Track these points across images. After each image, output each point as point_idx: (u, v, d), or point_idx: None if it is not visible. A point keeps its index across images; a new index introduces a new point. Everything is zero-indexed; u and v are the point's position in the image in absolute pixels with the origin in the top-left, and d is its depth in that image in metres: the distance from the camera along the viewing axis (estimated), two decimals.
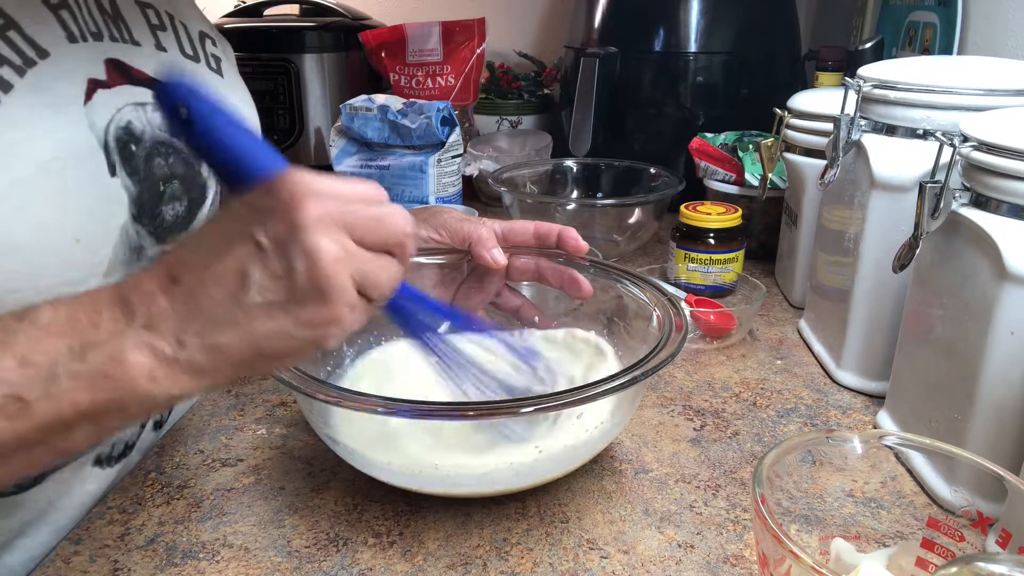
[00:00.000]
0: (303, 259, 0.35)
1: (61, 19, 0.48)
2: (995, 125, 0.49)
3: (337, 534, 0.50)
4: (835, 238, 0.72)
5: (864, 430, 0.55)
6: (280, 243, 0.35)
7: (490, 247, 0.59)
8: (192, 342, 0.36)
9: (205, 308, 0.36)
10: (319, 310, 0.36)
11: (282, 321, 0.36)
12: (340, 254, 0.36)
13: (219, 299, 0.36)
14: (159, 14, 0.58)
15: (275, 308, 0.36)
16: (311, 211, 0.35)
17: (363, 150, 1.09)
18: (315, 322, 0.36)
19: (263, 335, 0.36)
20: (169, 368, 0.36)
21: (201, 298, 0.36)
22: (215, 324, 0.36)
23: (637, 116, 1.17)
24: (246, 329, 0.36)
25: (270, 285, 0.35)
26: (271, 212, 0.36)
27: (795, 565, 0.33)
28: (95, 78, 0.49)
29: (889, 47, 1.03)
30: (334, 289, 0.36)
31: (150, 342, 0.35)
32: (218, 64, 0.63)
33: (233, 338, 0.36)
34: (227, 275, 0.36)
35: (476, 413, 0.46)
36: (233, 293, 0.36)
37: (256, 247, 0.35)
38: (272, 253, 0.35)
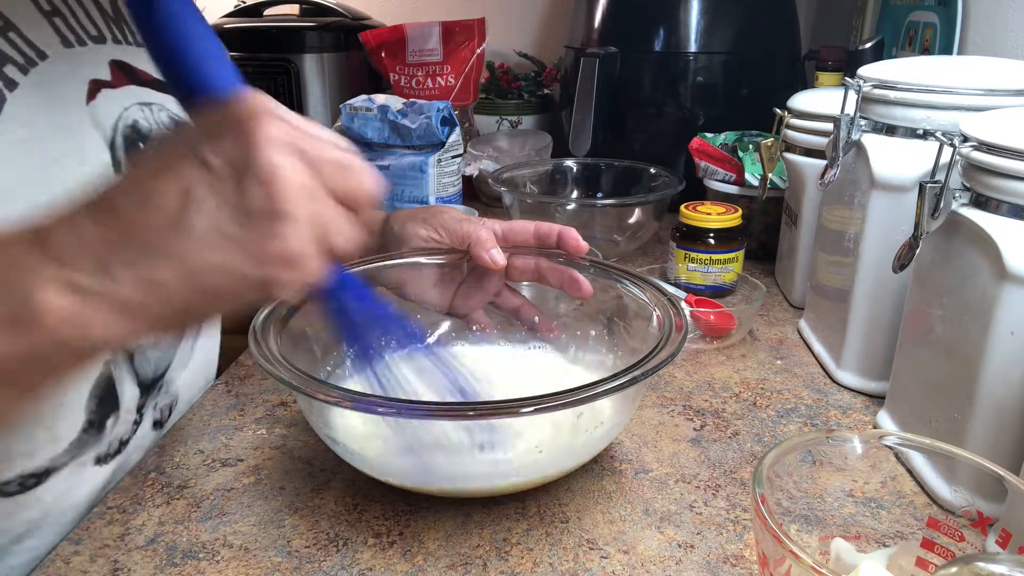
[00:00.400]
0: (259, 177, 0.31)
1: (55, 26, 0.48)
2: (995, 125, 0.49)
3: (337, 534, 0.50)
4: (835, 238, 0.72)
5: (864, 430, 0.55)
6: (233, 162, 0.31)
7: (489, 248, 0.59)
8: (122, 274, 0.31)
9: (140, 235, 0.31)
10: (274, 242, 0.31)
11: (229, 253, 0.31)
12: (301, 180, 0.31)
13: (156, 224, 0.31)
14: None
15: (221, 238, 0.31)
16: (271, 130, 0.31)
17: (363, 150, 1.09)
18: (268, 257, 0.31)
19: (207, 267, 0.31)
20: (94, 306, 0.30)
21: (135, 223, 0.31)
22: (151, 253, 0.31)
23: (637, 116, 1.17)
24: (188, 261, 0.31)
25: (218, 211, 0.31)
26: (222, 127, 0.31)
27: (795, 565, 0.33)
28: (98, 79, 0.49)
29: (889, 47, 1.03)
30: (289, 216, 0.31)
31: (69, 276, 0.30)
32: None
33: (172, 271, 0.31)
34: (169, 199, 0.31)
35: (476, 413, 0.46)
36: (171, 216, 0.31)
37: (205, 168, 0.31)
38: (223, 173, 0.31)
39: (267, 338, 0.49)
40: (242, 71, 0.69)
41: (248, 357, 0.73)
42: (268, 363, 0.46)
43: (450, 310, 0.65)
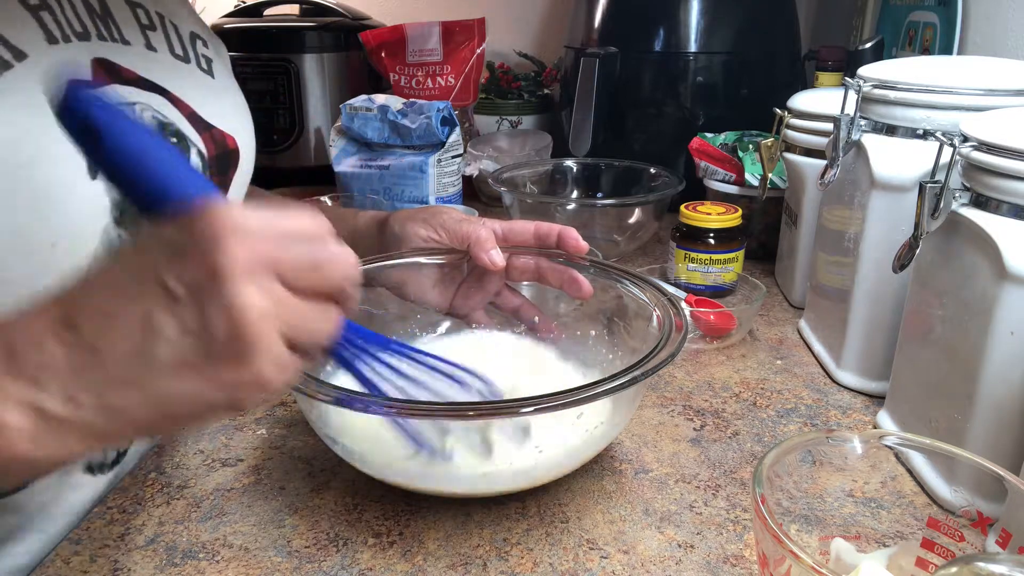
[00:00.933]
0: (222, 312, 0.30)
1: (41, 20, 0.47)
2: (995, 125, 0.49)
3: (337, 534, 0.50)
4: (835, 238, 0.72)
5: (864, 430, 0.55)
6: (195, 291, 0.30)
7: (488, 248, 0.59)
8: (87, 401, 0.31)
9: (105, 363, 0.31)
10: (239, 372, 0.31)
11: (194, 383, 0.31)
12: (266, 307, 0.31)
13: (121, 353, 0.31)
14: (149, 14, 0.58)
15: (185, 368, 0.31)
16: (234, 252, 0.30)
17: (363, 150, 1.09)
18: (233, 384, 0.31)
19: (172, 397, 0.31)
20: (57, 430, 0.31)
21: (101, 350, 0.31)
22: (115, 382, 0.31)
23: (637, 116, 1.17)
24: (151, 390, 0.31)
25: (181, 341, 0.30)
26: (185, 252, 0.31)
27: (795, 565, 0.33)
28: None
29: (889, 47, 1.03)
30: (258, 350, 0.31)
31: (33, 400, 0.30)
32: (209, 65, 0.62)
33: (136, 399, 0.31)
34: (131, 325, 0.30)
35: (476, 413, 0.46)
36: (138, 347, 0.30)
37: (166, 294, 0.30)
38: (186, 302, 0.30)
39: None
40: (242, 71, 0.69)
41: None
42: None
43: (450, 310, 0.64)
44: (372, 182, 1.07)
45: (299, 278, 0.32)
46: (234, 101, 0.65)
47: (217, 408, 0.32)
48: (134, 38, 0.55)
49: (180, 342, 0.30)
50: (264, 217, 0.32)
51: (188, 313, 0.30)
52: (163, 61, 0.57)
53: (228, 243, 0.30)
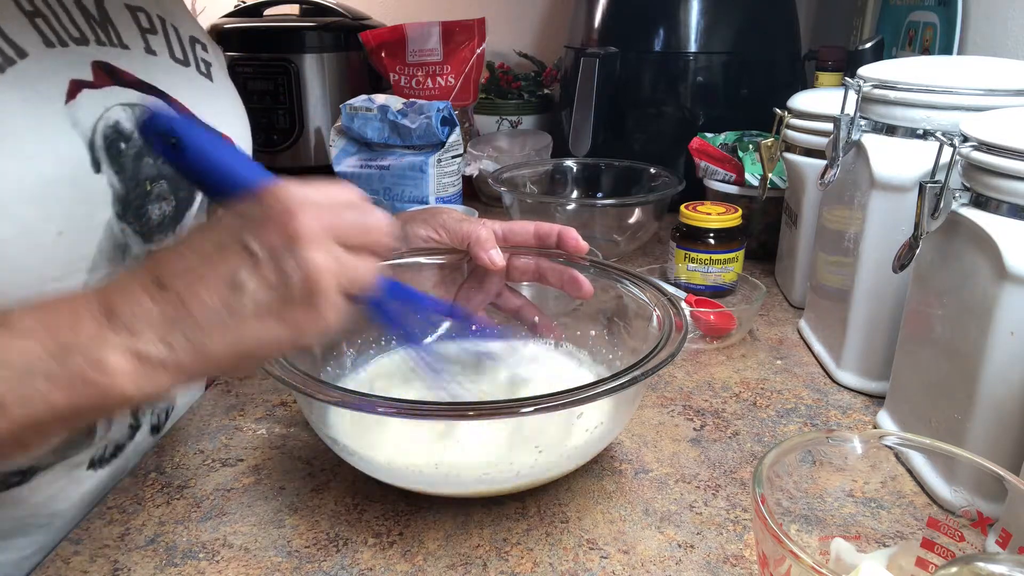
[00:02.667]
0: (298, 269, 0.36)
1: (36, 26, 0.48)
2: (995, 125, 0.49)
3: (337, 534, 0.50)
4: (835, 238, 0.72)
5: (864, 430, 0.55)
6: (274, 252, 0.36)
7: (488, 248, 0.59)
8: (180, 345, 0.36)
9: (195, 313, 0.36)
10: (309, 315, 0.37)
11: (272, 326, 0.37)
12: (331, 264, 0.37)
13: (210, 305, 0.36)
14: (150, 18, 0.58)
15: (266, 314, 0.37)
16: (305, 222, 0.37)
17: (363, 150, 1.09)
18: (303, 325, 0.37)
19: (252, 338, 0.37)
20: (152, 370, 0.36)
21: (191, 303, 0.36)
22: (205, 329, 0.36)
23: (637, 116, 1.17)
24: (236, 334, 0.37)
25: (263, 292, 0.36)
26: (263, 221, 0.37)
27: (795, 565, 0.33)
28: (79, 79, 0.49)
29: (889, 47, 1.03)
30: (324, 296, 0.37)
31: (134, 346, 0.36)
32: (208, 69, 0.63)
33: (222, 342, 0.37)
34: (219, 281, 0.36)
35: (476, 413, 0.46)
36: (225, 299, 0.36)
37: (249, 255, 0.37)
38: (266, 261, 0.36)
39: None
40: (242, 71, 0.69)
41: None
42: (268, 363, 0.46)
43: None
44: (372, 182, 1.07)
45: (350, 236, 0.39)
46: (232, 104, 0.66)
47: (287, 345, 0.38)
48: (133, 42, 0.55)
49: (261, 293, 0.37)
50: (319, 191, 0.39)
51: (268, 270, 0.36)
52: (162, 64, 0.57)
53: (299, 213, 0.37)
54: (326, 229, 0.38)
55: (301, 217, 0.37)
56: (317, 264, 0.37)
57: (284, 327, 0.37)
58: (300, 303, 0.37)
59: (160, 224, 0.55)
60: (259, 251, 0.36)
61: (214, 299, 0.36)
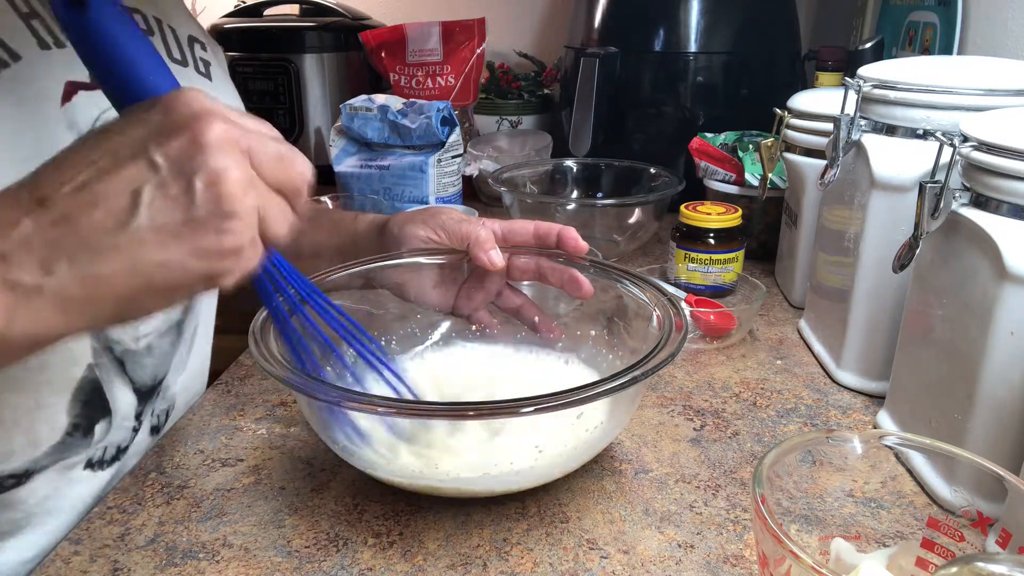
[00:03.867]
0: (206, 180, 0.32)
1: (32, 28, 0.48)
2: (995, 125, 0.49)
3: (337, 534, 0.50)
4: (835, 238, 0.72)
5: (864, 430, 0.55)
6: (179, 161, 0.32)
7: (487, 249, 0.59)
8: (63, 270, 0.31)
9: (83, 233, 0.32)
10: (220, 238, 0.33)
11: (176, 249, 0.32)
12: (245, 178, 0.33)
13: (101, 222, 0.32)
14: (147, 19, 0.58)
15: (168, 234, 0.32)
16: (217, 130, 0.32)
17: (363, 150, 1.09)
18: (214, 251, 0.33)
19: (152, 264, 0.32)
20: (31, 302, 0.31)
21: (78, 221, 0.32)
22: (95, 251, 0.32)
23: (637, 116, 1.17)
24: (132, 256, 0.32)
25: (164, 207, 0.32)
26: (169, 128, 0.32)
27: (795, 565, 0.33)
28: (76, 80, 0.49)
29: (889, 47, 1.03)
30: (237, 214, 0.33)
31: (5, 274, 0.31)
32: (207, 68, 0.63)
33: (116, 266, 0.32)
34: (113, 196, 0.32)
35: (476, 413, 0.46)
36: (119, 216, 0.32)
37: (150, 165, 0.32)
38: (169, 172, 0.32)
39: (267, 338, 0.49)
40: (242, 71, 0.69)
41: (248, 357, 0.73)
42: (268, 363, 0.46)
43: (452, 311, 0.65)
44: (372, 182, 1.07)
45: (267, 166, 0.34)
46: (231, 103, 0.66)
47: (196, 280, 0.34)
48: None
49: (162, 208, 0.32)
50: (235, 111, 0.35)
51: (171, 181, 0.32)
52: None
53: (211, 120, 0.32)
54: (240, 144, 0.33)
55: (214, 123, 0.32)
56: (228, 175, 0.32)
57: (190, 252, 0.32)
58: (209, 221, 0.32)
59: None
60: (160, 160, 0.32)
61: (106, 217, 0.32)
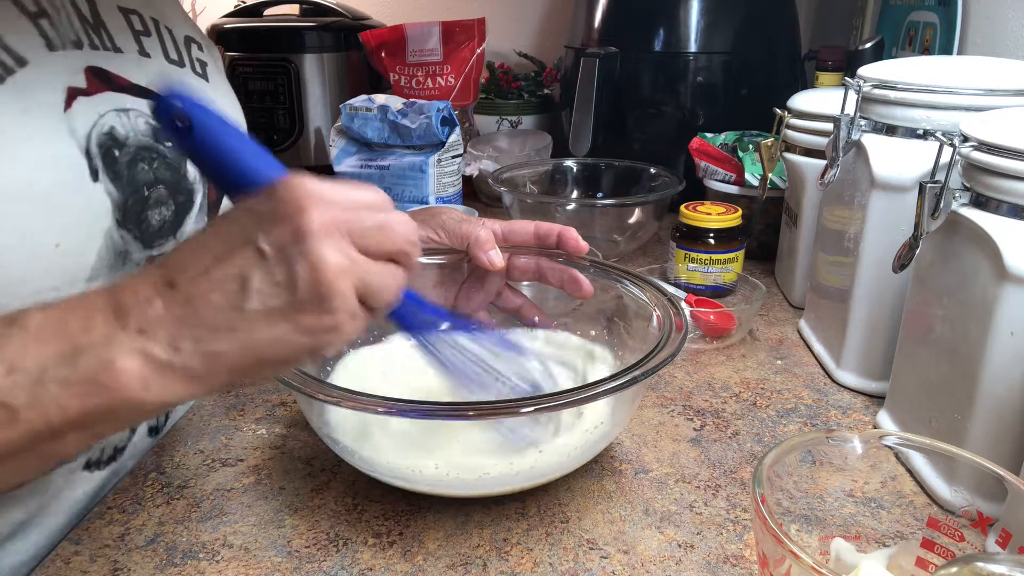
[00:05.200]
0: (306, 267, 0.35)
1: (40, 28, 0.48)
2: (995, 125, 0.49)
3: (337, 534, 0.50)
4: (835, 238, 0.72)
5: (864, 430, 0.55)
6: (283, 250, 0.35)
7: (487, 249, 0.59)
8: (188, 348, 0.35)
9: (203, 314, 0.35)
10: (320, 318, 0.35)
11: (282, 328, 0.35)
12: (344, 263, 0.35)
13: (218, 305, 0.35)
14: (143, 20, 0.58)
15: (276, 315, 0.35)
16: (315, 217, 0.35)
17: (363, 150, 1.09)
18: (315, 329, 0.36)
19: (262, 342, 0.35)
20: (163, 374, 0.35)
21: (199, 304, 0.35)
22: (213, 330, 0.35)
23: (637, 116, 1.17)
24: (245, 336, 0.35)
25: (271, 292, 0.35)
26: (273, 218, 0.35)
27: (795, 565, 0.33)
28: (74, 86, 0.49)
29: (889, 47, 1.03)
30: (336, 298, 0.35)
31: (143, 347, 0.35)
32: (203, 69, 0.63)
33: (231, 345, 0.35)
34: (227, 281, 0.35)
35: (476, 413, 0.46)
36: (233, 299, 0.35)
37: (258, 253, 0.35)
38: (274, 260, 0.35)
39: None
40: (242, 71, 0.69)
41: None
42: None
43: (452, 310, 0.64)
44: (372, 182, 1.07)
45: (368, 240, 0.37)
46: (228, 104, 0.66)
47: (300, 352, 0.37)
48: (127, 45, 0.55)
49: (270, 293, 0.35)
50: (336, 188, 0.37)
51: (276, 268, 0.35)
52: (157, 66, 0.57)
53: (310, 209, 0.35)
54: (339, 227, 0.36)
55: (312, 212, 0.35)
56: (326, 262, 0.35)
57: (295, 331, 0.35)
58: (310, 304, 0.35)
59: (160, 229, 0.55)
60: (267, 248, 0.35)
61: (221, 300, 0.35)
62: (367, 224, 0.37)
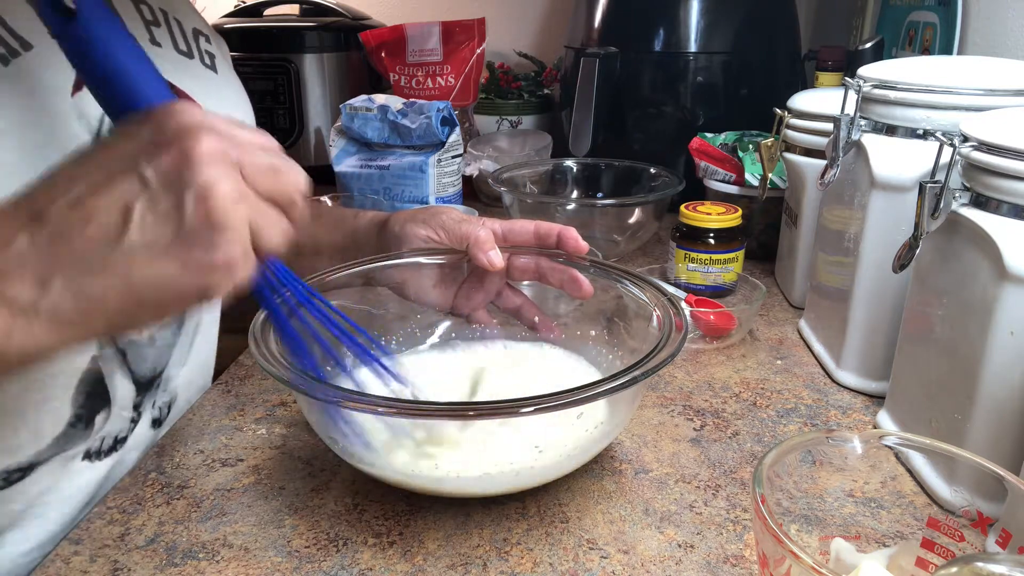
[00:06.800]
0: (196, 195, 0.32)
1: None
2: (995, 125, 0.49)
3: (337, 534, 0.50)
4: (835, 238, 0.72)
5: (864, 430, 0.55)
6: (169, 177, 0.32)
7: (487, 249, 0.59)
8: (57, 288, 0.31)
9: (76, 250, 0.32)
10: (210, 253, 0.32)
11: (166, 265, 0.32)
12: (236, 193, 0.33)
13: (93, 239, 0.32)
14: (153, 10, 0.58)
15: (159, 250, 0.32)
16: (206, 145, 0.32)
17: (363, 150, 1.09)
18: (205, 266, 0.32)
19: (144, 280, 0.32)
20: (27, 320, 0.32)
21: (72, 238, 0.32)
22: (87, 268, 0.32)
23: (637, 116, 1.17)
24: (124, 273, 0.32)
25: (155, 224, 0.32)
26: (160, 142, 0.32)
27: (795, 565, 0.33)
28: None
29: (889, 47, 1.03)
30: (229, 229, 0.32)
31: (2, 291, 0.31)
32: (212, 61, 0.63)
33: (108, 284, 0.32)
34: (104, 212, 0.32)
35: (476, 413, 0.46)
36: (110, 233, 0.32)
37: (140, 181, 0.32)
38: (160, 188, 0.32)
39: (267, 338, 0.49)
40: (242, 71, 0.69)
41: (248, 357, 0.73)
42: (268, 363, 0.46)
43: (452, 310, 0.65)
44: (372, 182, 1.07)
45: (259, 179, 0.34)
46: (236, 96, 0.66)
47: (188, 294, 0.33)
48: (138, 33, 0.55)
49: (153, 225, 0.32)
50: (230, 122, 0.34)
51: (162, 197, 0.32)
52: (167, 56, 0.57)
53: (200, 135, 0.32)
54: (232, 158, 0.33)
55: (202, 138, 0.32)
56: (218, 189, 0.32)
57: (182, 267, 0.32)
58: (199, 237, 0.32)
59: None
60: (151, 176, 0.32)
61: (97, 233, 0.32)
62: (259, 162, 0.34)
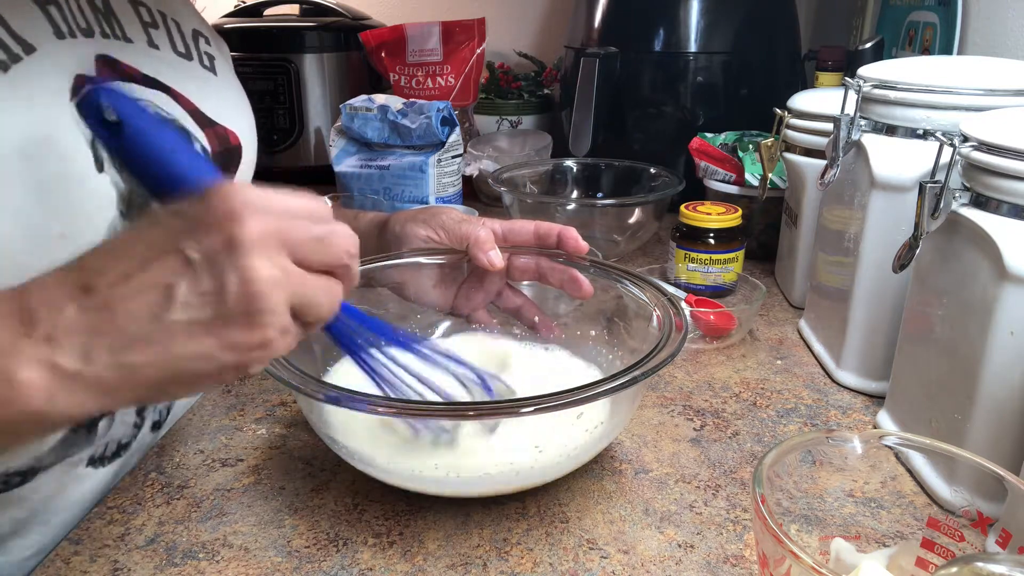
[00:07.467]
0: (236, 278, 0.33)
1: (48, 14, 0.48)
2: (995, 125, 0.49)
3: (337, 534, 0.50)
4: (835, 238, 0.72)
5: (864, 430, 0.55)
6: (212, 259, 0.33)
7: (487, 249, 0.59)
8: (101, 358, 0.33)
9: (120, 323, 0.33)
10: (247, 334, 0.33)
11: (205, 343, 0.33)
12: (277, 276, 0.34)
13: (137, 314, 0.33)
14: (151, 12, 0.58)
15: (199, 328, 0.33)
16: (250, 226, 0.33)
17: (363, 150, 1.09)
18: (241, 346, 0.34)
19: (182, 356, 0.33)
20: (71, 386, 0.33)
21: (117, 311, 0.33)
22: (130, 341, 0.33)
23: (637, 116, 1.17)
24: (164, 348, 0.33)
25: (197, 303, 0.33)
26: (205, 224, 0.33)
27: (795, 565, 0.33)
28: (84, 74, 0.49)
29: (889, 47, 1.03)
30: (267, 313, 0.33)
31: (49, 357, 0.32)
32: (211, 62, 0.63)
33: (148, 357, 0.33)
34: (149, 288, 0.33)
35: (476, 413, 0.46)
36: (154, 308, 0.33)
37: (184, 261, 0.33)
38: (202, 268, 0.33)
39: None
40: (242, 71, 0.69)
41: None
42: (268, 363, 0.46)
43: (452, 310, 0.65)
44: (372, 182, 1.07)
45: (305, 252, 0.35)
46: (236, 98, 0.65)
47: (224, 370, 0.34)
48: (136, 36, 0.55)
49: (194, 304, 0.33)
50: (273, 196, 0.35)
51: (204, 277, 0.33)
52: (165, 58, 0.57)
53: (243, 217, 0.33)
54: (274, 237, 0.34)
55: (247, 220, 0.33)
56: (258, 274, 0.33)
57: (220, 346, 0.33)
58: (238, 318, 0.33)
59: None
60: (195, 256, 0.33)
61: (141, 308, 0.33)
62: (305, 235, 0.35)
